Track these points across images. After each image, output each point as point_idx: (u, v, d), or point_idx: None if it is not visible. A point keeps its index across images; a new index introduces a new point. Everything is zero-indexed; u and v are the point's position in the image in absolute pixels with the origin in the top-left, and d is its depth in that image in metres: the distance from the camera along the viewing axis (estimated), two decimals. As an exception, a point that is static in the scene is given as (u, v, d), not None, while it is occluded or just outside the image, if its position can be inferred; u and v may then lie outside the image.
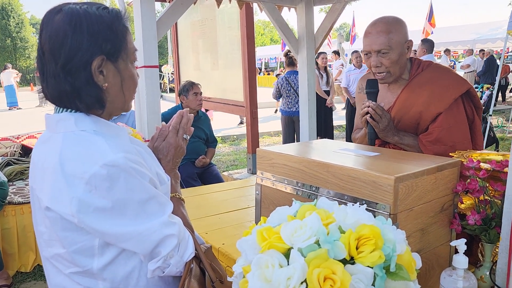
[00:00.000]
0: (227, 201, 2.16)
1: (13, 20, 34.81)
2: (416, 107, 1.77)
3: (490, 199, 1.23)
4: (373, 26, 1.77)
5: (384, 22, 1.75)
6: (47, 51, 0.95)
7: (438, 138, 1.73)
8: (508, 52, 13.92)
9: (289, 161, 1.34)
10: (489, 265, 1.23)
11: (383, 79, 1.80)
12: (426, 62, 1.87)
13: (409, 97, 1.80)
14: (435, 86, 1.76)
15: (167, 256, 0.98)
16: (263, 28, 45.15)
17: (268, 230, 0.83)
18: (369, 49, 1.76)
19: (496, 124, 8.97)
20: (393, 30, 1.73)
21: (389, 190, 1.05)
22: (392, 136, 1.77)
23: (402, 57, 1.77)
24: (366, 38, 1.78)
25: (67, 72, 0.94)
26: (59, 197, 0.92)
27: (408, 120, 1.80)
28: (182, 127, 1.23)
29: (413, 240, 1.14)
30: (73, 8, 0.96)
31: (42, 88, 1.00)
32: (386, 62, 1.74)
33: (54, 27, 0.94)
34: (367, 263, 0.74)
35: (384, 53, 1.73)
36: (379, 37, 1.72)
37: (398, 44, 1.73)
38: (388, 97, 1.89)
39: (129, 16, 1.06)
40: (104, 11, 0.98)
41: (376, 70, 1.78)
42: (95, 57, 0.95)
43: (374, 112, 1.72)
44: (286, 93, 5.79)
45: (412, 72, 1.84)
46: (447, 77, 1.79)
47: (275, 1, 3.25)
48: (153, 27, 2.57)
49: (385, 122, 1.73)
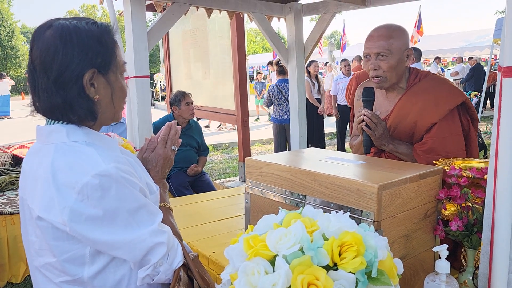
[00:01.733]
0: (218, 210, 2.18)
1: (3, 29, 34.63)
2: (412, 116, 1.80)
3: (471, 205, 1.27)
4: (375, 30, 1.81)
5: (387, 28, 1.80)
6: (39, 66, 0.97)
7: (432, 148, 1.75)
8: (495, 59, 14.13)
9: (277, 170, 1.37)
10: (472, 269, 1.26)
11: (378, 83, 1.82)
12: (424, 72, 1.90)
13: (405, 106, 1.83)
14: (430, 96, 1.79)
15: (156, 264, 1.00)
16: (255, 36, 45.41)
17: (254, 238, 0.85)
18: (368, 51, 1.80)
19: (485, 131, 9.08)
20: (395, 36, 1.77)
21: (372, 198, 1.08)
22: (387, 144, 1.79)
23: (401, 64, 1.79)
24: (368, 42, 1.81)
25: (59, 86, 0.97)
26: (51, 207, 0.93)
27: (403, 129, 1.83)
28: (170, 138, 1.26)
29: (398, 246, 1.17)
30: (63, 23, 0.98)
31: (33, 102, 1.02)
32: (384, 66, 1.77)
33: (45, 42, 0.97)
34: (349, 269, 0.77)
35: (383, 56, 1.76)
36: (379, 40, 1.76)
37: (397, 50, 1.76)
38: (386, 105, 1.91)
39: (118, 28, 1.08)
40: (94, 26, 1.01)
41: (373, 73, 1.81)
42: (86, 70, 0.98)
43: (369, 121, 1.75)
44: (277, 101, 5.83)
45: (410, 81, 1.87)
46: (443, 88, 1.81)
47: (264, 11, 3.30)
48: (144, 37, 2.60)
49: (380, 130, 1.75)
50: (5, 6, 35.83)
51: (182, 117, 3.82)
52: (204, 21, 5.15)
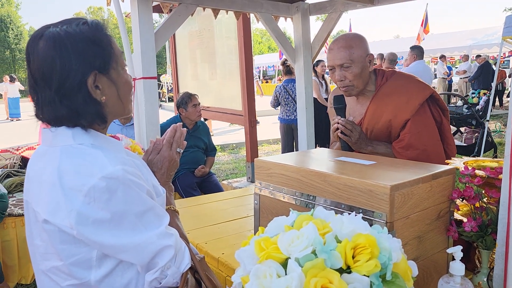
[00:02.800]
0: (226, 211, 2.17)
1: (12, 32, 34.99)
2: (385, 116, 1.85)
3: (485, 205, 1.25)
4: (334, 43, 1.86)
5: (345, 39, 1.85)
6: (39, 79, 0.96)
7: (410, 143, 1.80)
8: (504, 57, 13.98)
9: (286, 171, 1.35)
10: (487, 271, 1.24)
11: (347, 91, 1.87)
12: (389, 71, 1.96)
13: (377, 107, 1.88)
14: (400, 94, 1.85)
15: (164, 267, 0.99)
16: (261, 36, 45.41)
17: (266, 240, 0.84)
18: (332, 64, 1.85)
19: (494, 129, 8.99)
20: (354, 45, 1.81)
21: (385, 199, 1.06)
22: (366, 147, 1.84)
23: (365, 70, 1.84)
24: (329, 54, 1.86)
25: (63, 96, 0.95)
26: (57, 210, 0.93)
27: (379, 130, 1.88)
28: (175, 140, 1.25)
29: (410, 248, 1.15)
30: (54, 32, 0.96)
31: (36, 115, 1.00)
32: (349, 76, 1.82)
33: (40, 55, 0.95)
34: (363, 272, 0.75)
35: (347, 67, 1.81)
36: (340, 52, 1.81)
37: (359, 58, 1.81)
38: (359, 109, 1.97)
39: (122, 25, 1.07)
40: (85, 27, 0.99)
41: (340, 84, 1.86)
42: (88, 74, 0.96)
43: (344, 128, 1.80)
44: (285, 101, 5.81)
45: (378, 83, 1.92)
46: (410, 84, 1.87)
47: (271, 11, 3.29)
48: (151, 38, 2.60)
49: (356, 135, 1.80)
50: (13, 9, 36.19)
51: (189, 119, 3.81)
52: (210, 21, 5.15)
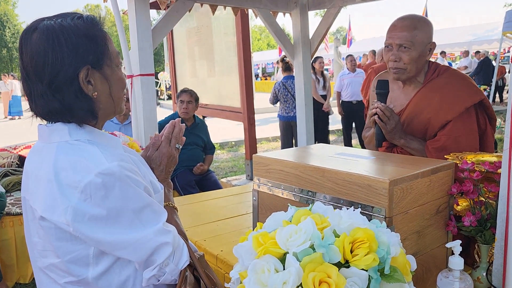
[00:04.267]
0: (225, 208, 2.17)
1: (9, 30, 34.88)
2: (427, 112, 1.75)
3: (485, 200, 1.24)
4: (399, 20, 1.75)
5: (412, 18, 1.74)
6: (31, 72, 0.95)
7: (445, 146, 1.69)
8: (504, 53, 13.97)
9: (285, 167, 1.35)
10: (486, 266, 1.23)
11: (397, 73, 1.76)
12: (443, 67, 1.84)
13: (421, 101, 1.78)
14: (447, 92, 1.73)
15: (162, 264, 0.98)
16: (260, 33, 45.34)
17: (264, 235, 0.83)
18: (391, 41, 1.74)
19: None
20: (419, 27, 1.71)
21: (384, 194, 1.06)
22: (399, 139, 1.75)
23: (422, 57, 1.74)
24: (390, 32, 1.75)
25: (55, 90, 0.95)
26: (54, 207, 0.92)
27: (417, 125, 1.78)
28: (174, 136, 1.24)
29: (409, 243, 1.15)
30: (48, 24, 0.95)
31: (30, 108, 1.00)
32: (405, 58, 1.72)
33: (33, 47, 0.94)
34: (361, 266, 0.75)
35: (406, 47, 1.71)
36: (403, 31, 1.71)
37: (420, 43, 1.71)
38: (401, 99, 1.86)
39: (119, 23, 1.06)
40: (79, 21, 0.97)
41: (393, 64, 1.76)
42: (80, 69, 0.95)
43: (382, 113, 1.70)
44: (284, 98, 5.80)
45: (428, 76, 1.81)
46: (461, 85, 1.75)
47: (269, 7, 3.27)
48: (148, 35, 2.59)
49: (393, 124, 1.71)
50: (10, 8, 36.10)
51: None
52: (208, 18, 5.14)
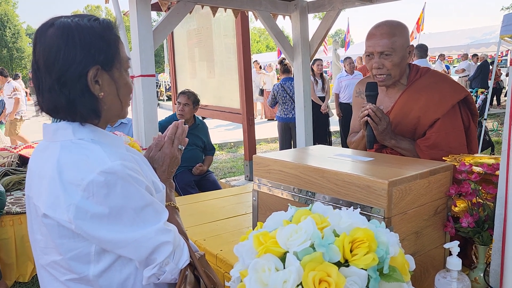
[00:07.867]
0: (224, 208, 2.18)
1: (9, 30, 34.85)
2: (414, 112, 1.79)
3: (482, 201, 1.26)
4: (377, 28, 1.79)
5: (388, 25, 1.77)
6: (42, 65, 0.97)
7: (436, 143, 1.75)
8: (502, 56, 14.02)
9: (285, 167, 1.36)
10: (483, 266, 1.25)
11: (383, 81, 1.81)
12: (424, 68, 1.90)
13: (407, 102, 1.82)
14: (433, 92, 1.78)
15: (162, 263, 0.99)
16: (259, 35, 45.38)
17: (264, 234, 0.84)
18: (372, 50, 1.77)
19: (492, 128, 9.01)
20: (397, 33, 1.75)
21: (383, 194, 1.07)
22: (390, 140, 1.79)
23: (403, 61, 1.78)
24: (370, 40, 1.78)
25: (62, 85, 0.96)
26: (56, 204, 0.93)
27: (406, 125, 1.82)
28: (177, 137, 1.25)
29: (408, 243, 1.16)
30: (64, 21, 0.97)
31: (38, 102, 1.02)
32: (388, 64, 1.76)
33: (47, 42, 0.96)
34: (361, 266, 0.76)
35: (387, 55, 1.74)
36: (382, 39, 1.74)
37: (401, 47, 1.75)
38: (386, 102, 1.90)
39: (121, 25, 1.08)
40: (95, 23, 1.00)
41: (377, 72, 1.79)
42: (90, 67, 0.97)
43: (374, 114, 1.73)
44: (282, 99, 5.82)
45: (411, 77, 1.86)
46: (445, 84, 1.81)
47: (270, 9, 3.29)
48: (149, 36, 2.60)
49: (384, 125, 1.74)
50: (10, 8, 36.07)
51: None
52: (208, 20, 5.15)
